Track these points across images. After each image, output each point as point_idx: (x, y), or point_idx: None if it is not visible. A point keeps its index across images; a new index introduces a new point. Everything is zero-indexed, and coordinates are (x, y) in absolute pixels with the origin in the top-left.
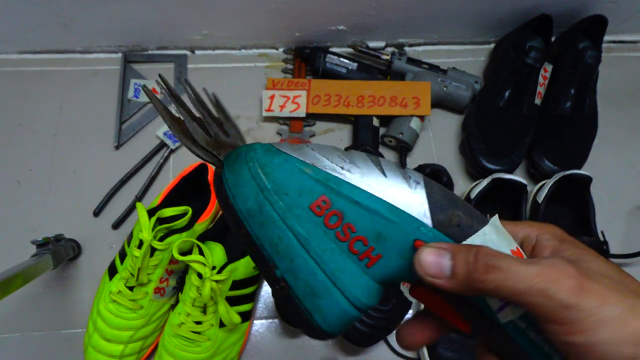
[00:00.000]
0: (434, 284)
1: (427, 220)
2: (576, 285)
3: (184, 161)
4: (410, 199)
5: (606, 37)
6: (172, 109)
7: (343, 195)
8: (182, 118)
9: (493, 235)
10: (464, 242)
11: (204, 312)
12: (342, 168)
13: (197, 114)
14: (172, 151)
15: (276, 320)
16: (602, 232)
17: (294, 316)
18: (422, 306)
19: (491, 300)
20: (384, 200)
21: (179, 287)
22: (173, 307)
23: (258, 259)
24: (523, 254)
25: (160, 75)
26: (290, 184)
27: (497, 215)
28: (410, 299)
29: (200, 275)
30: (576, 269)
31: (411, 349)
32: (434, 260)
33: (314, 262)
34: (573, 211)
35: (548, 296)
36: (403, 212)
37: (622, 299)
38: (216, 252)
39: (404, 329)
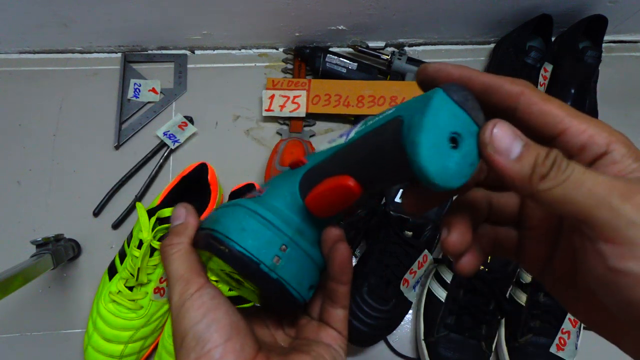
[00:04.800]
0: (494, 160)
1: None
2: None
3: (183, 161)
4: None
5: (606, 37)
6: None
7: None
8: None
9: None
10: None
11: None
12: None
13: None
14: (171, 151)
15: None
16: None
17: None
18: (423, 303)
19: None
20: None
21: None
22: None
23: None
24: None
25: None
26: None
27: None
28: (411, 298)
29: None
30: None
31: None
32: (508, 135)
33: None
34: None
35: (615, 211)
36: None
37: None
38: None
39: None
